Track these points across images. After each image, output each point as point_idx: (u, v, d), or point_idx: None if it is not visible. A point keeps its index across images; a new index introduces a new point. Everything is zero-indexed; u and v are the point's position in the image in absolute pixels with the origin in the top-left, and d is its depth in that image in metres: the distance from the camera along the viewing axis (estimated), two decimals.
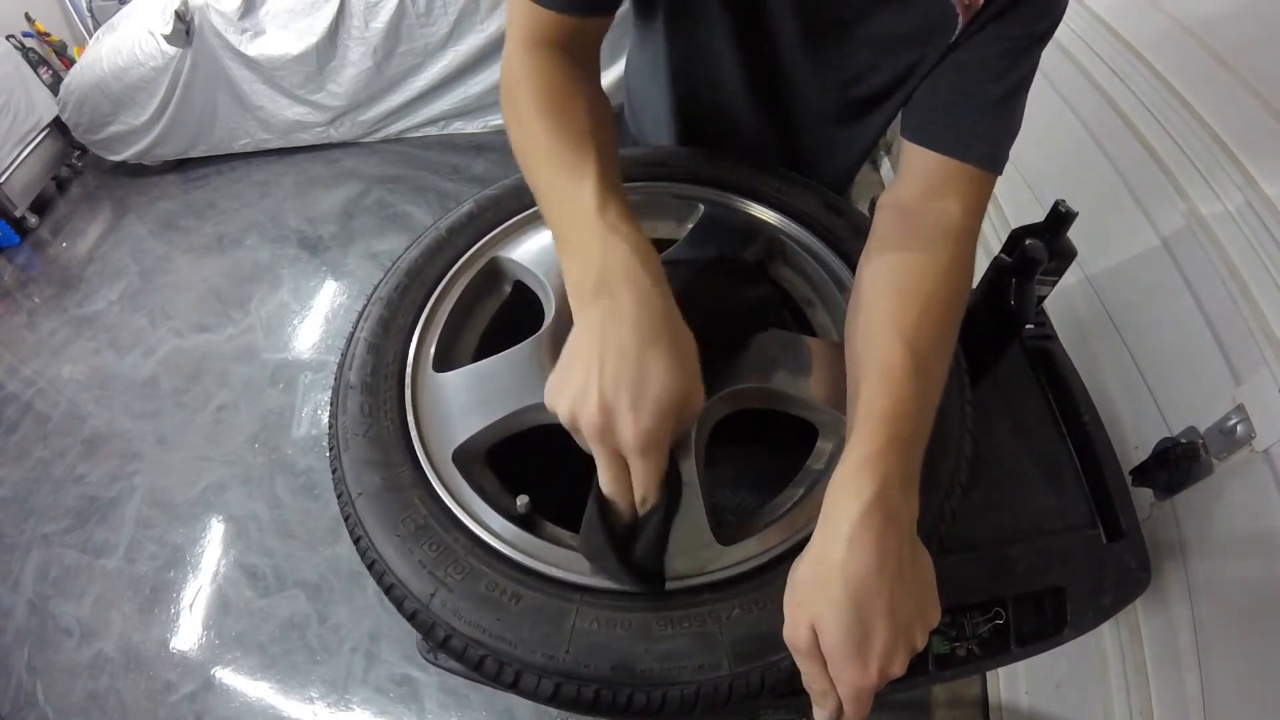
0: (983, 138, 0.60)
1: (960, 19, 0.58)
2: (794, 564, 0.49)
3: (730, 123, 0.79)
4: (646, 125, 0.91)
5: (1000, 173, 0.62)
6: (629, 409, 0.46)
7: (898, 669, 0.44)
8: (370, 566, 0.56)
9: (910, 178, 0.62)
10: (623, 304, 0.48)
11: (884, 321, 0.54)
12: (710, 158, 0.81)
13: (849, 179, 0.92)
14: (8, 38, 3.28)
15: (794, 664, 0.48)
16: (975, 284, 0.89)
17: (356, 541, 0.57)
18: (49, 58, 3.56)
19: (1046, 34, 0.59)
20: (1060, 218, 0.80)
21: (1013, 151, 0.62)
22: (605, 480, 0.50)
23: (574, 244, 0.52)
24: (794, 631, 0.46)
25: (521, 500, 0.59)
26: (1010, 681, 1.34)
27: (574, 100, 0.59)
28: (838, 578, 0.44)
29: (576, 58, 0.63)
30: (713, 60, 0.73)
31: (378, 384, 0.64)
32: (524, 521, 0.58)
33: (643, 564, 0.52)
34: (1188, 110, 1.03)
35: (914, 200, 0.61)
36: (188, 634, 1.84)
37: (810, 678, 0.46)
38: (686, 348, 0.50)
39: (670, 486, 0.52)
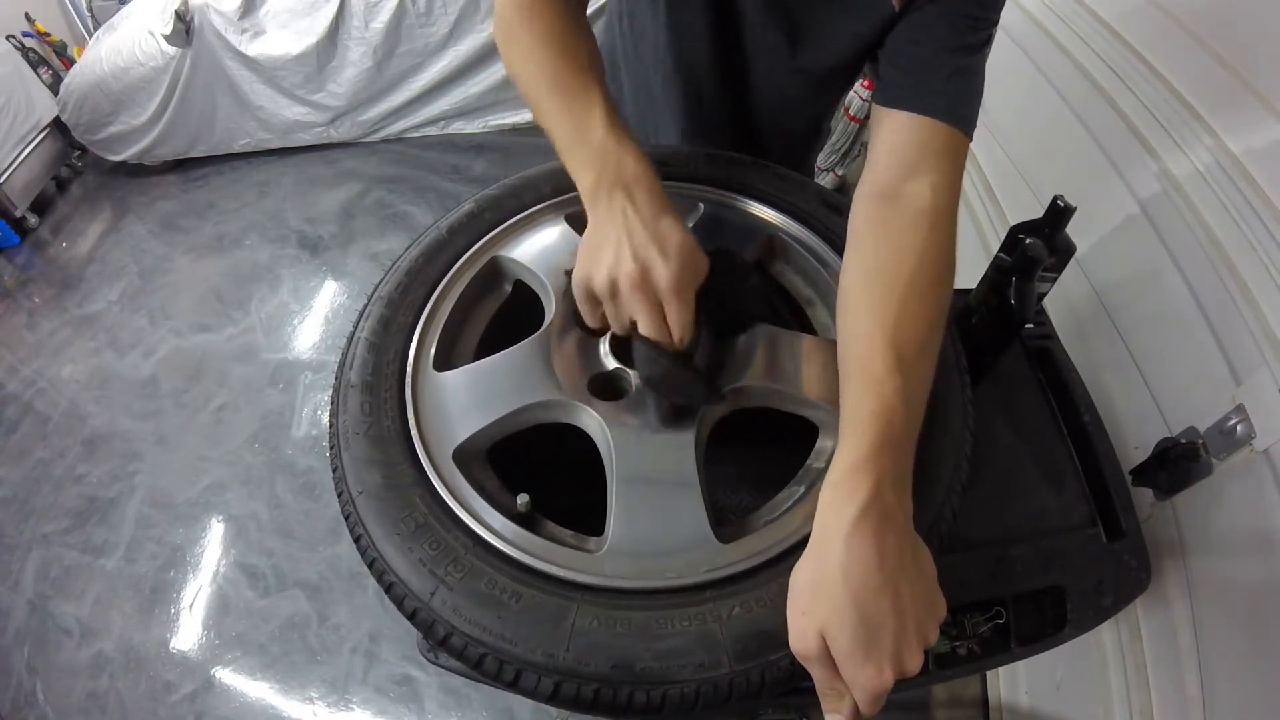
0: (945, 94, 0.62)
1: (895, 5, 0.66)
2: (793, 571, 0.48)
3: (700, 88, 0.87)
4: (625, 97, 0.96)
5: (969, 135, 0.63)
6: (660, 258, 0.55)
7: (912, 665, 0.44)
8: (370, 565, 0.56)
9: (881, 157, 0.63)
10: (636, 195, 0.58)
11: (865, 319, 0.54)
12: (710, 157, 0.81)
13: (802, 149, 1.01)
14: (8, 38, 3.29)
15: (794, 662, 0.48)
16: (975, 284, 0.89)
17: (357, 540, 0.57)
18: (49, 58, 3.56)
19: (984, 20, 0.64)
20: (1059, 213, 0.80)
21: (1009, 148, 0.63)
22: (646, 324, 0.56)
23: (588, 158, 0.60)
24: (801, 640, 0.46)
25: (522, 499, 0.59)
26: (1010, 681, 1.34)
27: (573, 36, 0.67)
28: (839, 581, 0.44)
29: (567, 3, 0.69)
30: (689, 35, 0.81)
31: (378, 383, 0.64)
32: (524, 520, 0.59)
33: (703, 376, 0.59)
34: (1161, 82, 1.04)
35: (887, 184, 0.61)
36: (188, 634, 1.84)
37: (823, 683, 0.46)
38: (684, 224, 0.59)
39: (701, 322, 0.60)
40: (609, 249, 0.56)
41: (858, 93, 2.36)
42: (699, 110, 0.88)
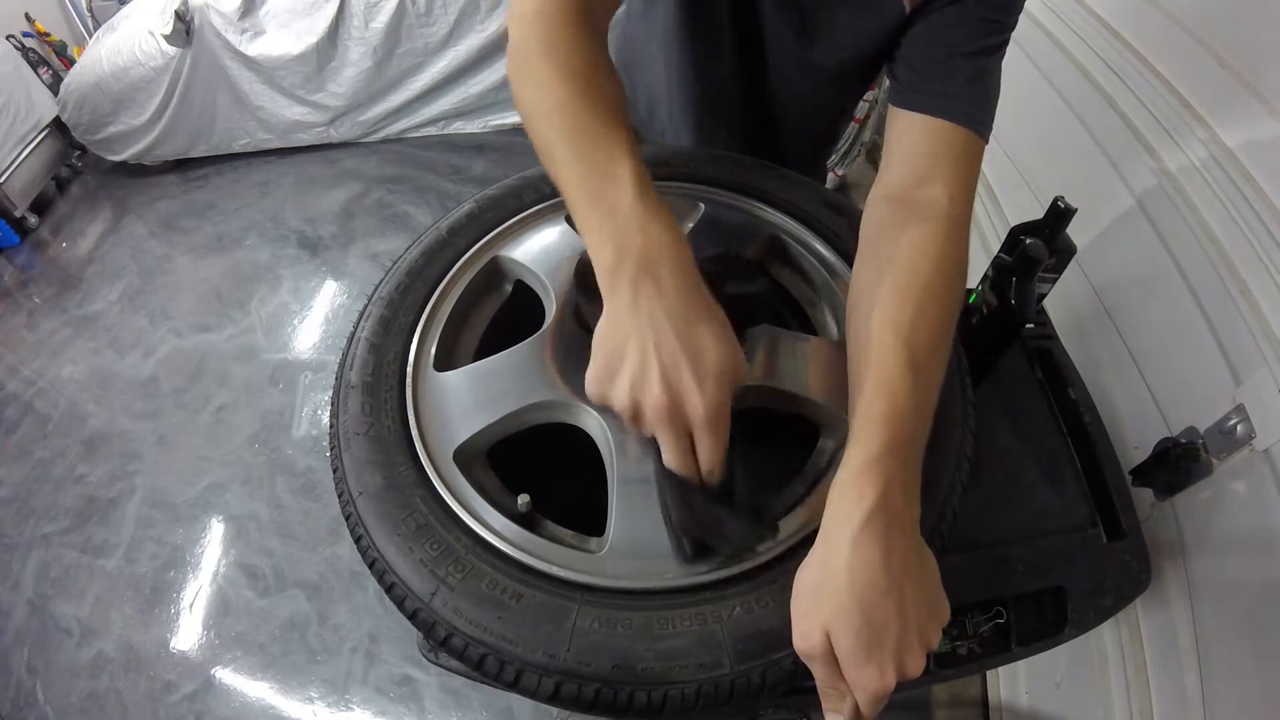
0: (961, 98, 0.62)
1: (906, 7, 0.66)
2: (798, 571, 0.48)
3: (719, 87, 0.85)
4: (639, 92, 0.95)
5: (985, 138, 0.63)
6: (694, 385, 0.47)
7: (913, 668, 0.44)
8: (371, 566, 0.56)
9: (896, 160, 0.63)
10: (665, 286, 0.49)
11: (878, 320, 0.54)
12: (711, 157, 0.81)
13: (818, 147, 1.00)
14: (8, 38, 3.28)
15: (795, 662, 0.48)
16: (976, 283, 0.89)
17: (357, 541, 0.57)
18: (49, 58, 3.56)
19: (1002, 24, 0.64)
20: (1059, 214, 0.80)
21: (1010, 148, 0.62)
22: (673, 458, 0.49)
23: (609, 228, 0.51)
24: (806, 639, 0.46)
25: (522, 499, 0.59)
26: (1010, 681, 1.34)
27: (599, 73, 0.57)
28: (845, 582, 0.44)
29: (592, 19, 0.60)
30: (712, 32, 0.79)
31: (379, 383, 0.64)
32: (525, 520, 0.59)
33: (743, 533, 0.53)
34: (1160, 81, 1.05)
35: (903, 187, 0.61)
36: (188, 634, 1.84)
37: (825, 683, 0.46)
38: (725, 321, 0.51)
39: (734, 455, 0.52)
40: (631, 359, 0.48)
41: None
42: (717, 108, 0.88)
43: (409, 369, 0.66)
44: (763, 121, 0.89)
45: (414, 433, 0.61)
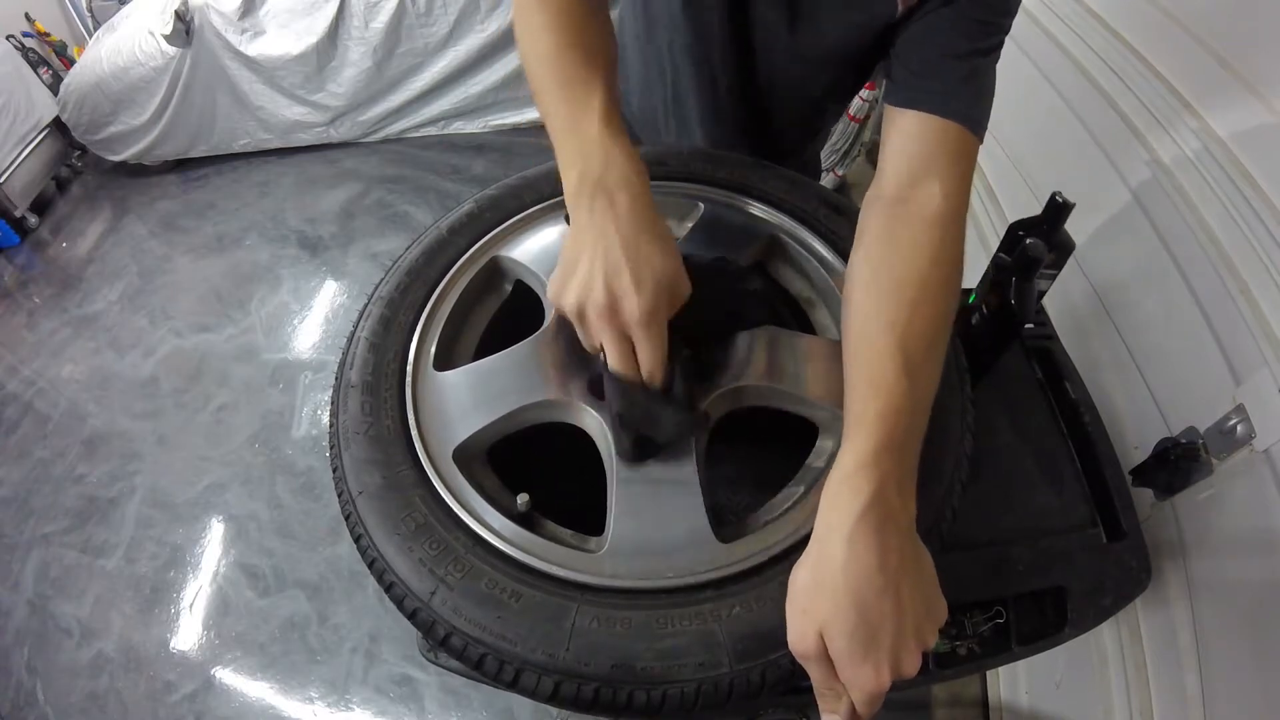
0: (957, 96, 0.62)
1: (899, 6, 0.66)
2: (793, 570, 0.48)
3: (708, 69, 0.86)
4: (631, 83, 0.96)
5: (980, 137, 0.63)
6: (633, 287, 0.52)
7: (909, 668, 0.44)
8: (371, 565, 0.56)
9: (892, 159, 0.63)
10: (619, 204, 0.54)
11: (874, 319, 0.54)
12: (711, 158, 0.81)
13: (807, 134, 1.00)
14: (8, 38, 3.29)
15: (794, 662, 0.48)
16: (976, 283, 0.89)
17: (357, 540, 0.57)
18: (49, 58, 3.56)
19: (997, 25, 0.64)
20: (1058, 209, 0.80)
21: (1009, 147, 0.62)
22: (613, 358, 0.54)
23: (576, 153, 0.57)
24: (801, 639, 0.46)
25: (522, 499, 0.59)
26: (1010, 681, 1.34)
27: (587, 23, 0.64)
28: (840, 581, 0.44)
29: None
30: (701, 12, 0.79)
31: (378, 383, 0.64)
32: (524, 520, 0.59)
33: (679, 426, 0.57)
34: (1159, 79, 1.05)
35: (899, 187, 0.61)
36: (188, 634, 1.84)
37: (821, 683, 0.46)
38: (670, 238, 0.57)
39: (675, 359, 0.57)
40: (581, 268, 0.53)
41: (858, 93, 2.36)
42: (714, 92, 0.87)
43: (409, 369, 0.66)
44: (753, 106, 0.88)
45: (414, 432, 0.61)
